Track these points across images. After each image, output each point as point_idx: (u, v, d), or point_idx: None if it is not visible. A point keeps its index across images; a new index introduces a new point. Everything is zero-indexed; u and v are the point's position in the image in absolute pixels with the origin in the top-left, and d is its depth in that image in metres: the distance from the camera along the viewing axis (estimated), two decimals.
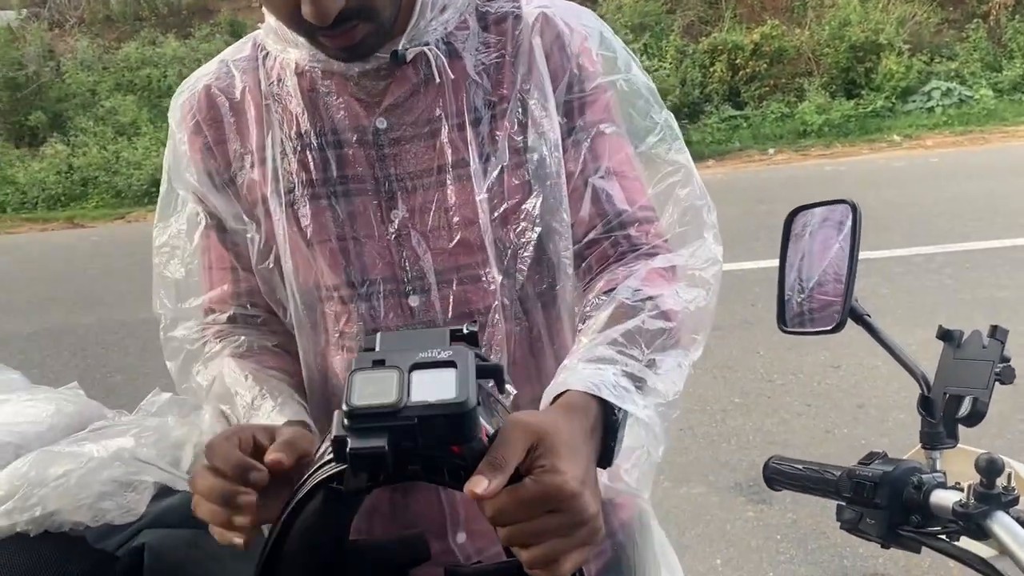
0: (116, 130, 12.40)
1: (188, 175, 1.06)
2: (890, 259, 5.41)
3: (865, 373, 3.90)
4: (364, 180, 1.00)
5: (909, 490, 0.93)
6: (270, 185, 1.02)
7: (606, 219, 1.02)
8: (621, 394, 0.81)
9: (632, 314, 0.91)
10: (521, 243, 1.01)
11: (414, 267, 1.01)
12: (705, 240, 1.03)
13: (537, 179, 1.01)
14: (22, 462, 0.94)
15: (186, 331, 1.12)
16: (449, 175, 0.99)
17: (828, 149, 10.22)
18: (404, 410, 0.58)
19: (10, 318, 6.42)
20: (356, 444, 0.57)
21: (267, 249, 1.06)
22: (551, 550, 0.66)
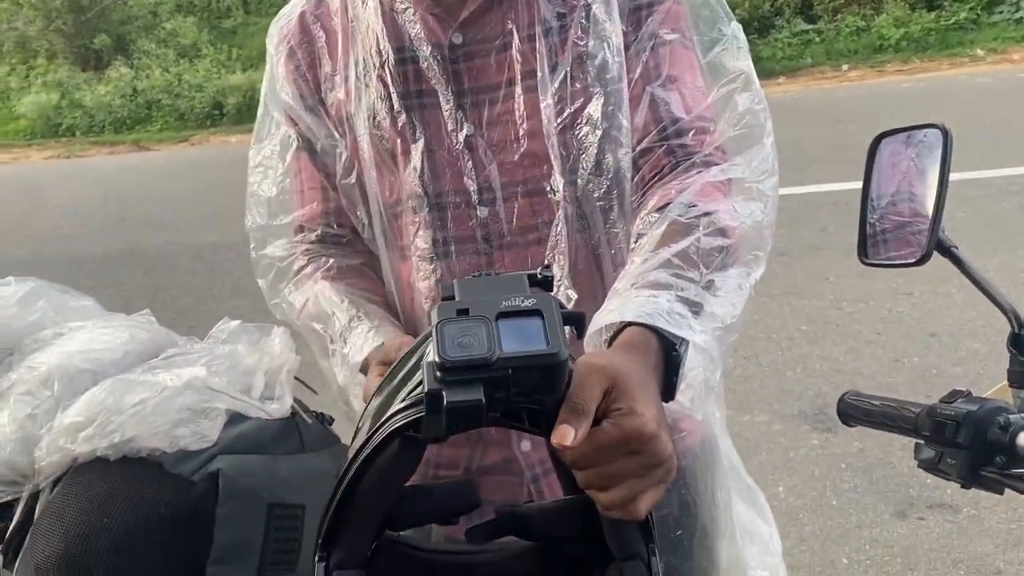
0: (178, 52, 12.49)
1: (284, 96, 1.11)
2: (968, 181, 5.18)
3: (939, 301, 3.78)
4: (438, 94, 1.03)
5: (994, 430, 0.89)
6: (353, 102, 1.06)
7: (661, 127, 1.00)
8: (676, 321, 0.79)
9: (686, 232, 0.89)
10: (583, 147, 1.01)
11: (482, 179, 1.03)
12: (763, 146, 0.99)
13: (599, 83, 1.00)
14: (99, 389, 0.97)
15: (276, 249, 1.17)
16: (519, 87, 1.02)
17: (906, 65, 9.76)
18: (498, 362, 0.57)
19: (83, 240, 6.61)
20: (453, 397, 0.57)
21: (350, 165, 1.10)
22: (630, 491, 0.65)
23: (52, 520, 0.94)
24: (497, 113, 1.02)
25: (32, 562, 0.94)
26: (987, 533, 2.51)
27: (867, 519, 2.63)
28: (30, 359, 1.05)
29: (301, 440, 1.07)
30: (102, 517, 0.92)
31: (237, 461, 0.98)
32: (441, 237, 1.06)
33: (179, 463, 0.95)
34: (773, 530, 1.22)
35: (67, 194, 8.48)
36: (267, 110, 1.15)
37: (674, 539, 1.09)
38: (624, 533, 0.72)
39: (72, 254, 6.18)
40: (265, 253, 1.18)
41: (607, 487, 0.66)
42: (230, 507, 0.95)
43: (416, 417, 0.63)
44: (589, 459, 0.64)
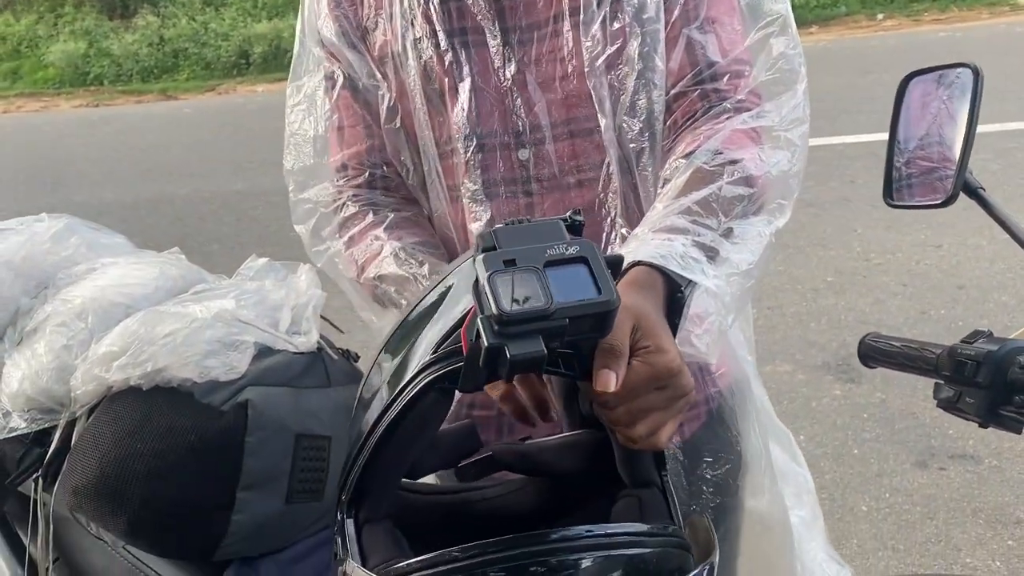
0: (204, 1, 12.42)
1: (326, 31, 1.07)
2: (1004, 133, 5.08)
3: (968, 253, 3.74)
4: (483, 31, 1.01)
5: (1015, 370, 0.89)
6: (399, 41, 1.04)
7: (696, 70, 0.99)
8: (689, 264, 0.80)
9: (710, 180, 0.89)
10: (622, 88, 1.00)
11: (530, 118, 1.01)
12: (795, 93, 0.97)
13: (637, 23, 0.98)
14: (132, 320, 0.99)
15: (319, 192, 1.12)
16: (566, 23, 0.99)
17: (943, 14, 9.50)
18: (556, 312, 0.57)
19: (112, 188, 6.67)
20: (516, 351, 0.56)
21: (395, 108, 1.08)
22: (655, 424, 0.67)
23: (88, 446, 0.97)
24: (544, 51, 1.00)
25: (70, 486, 0.98)
26: (1008, 483, 2.51)
27: (888, 468, 2.64)
28: (64, 292, 1.08)
29: (327, 375, 1.10)
30: (136, 443, 0.95)
31: (266, 392, 1.00)
32: (488, 178, 1.04)
33: (209, 393, 0.97)
34: (806, 472, 1.24)
35: (95, 143, 8.53)
36: (305, 47, 1.12)
37: (720, 477, 1.10)
38: (639, 463, 0.74)
39: (101, 202, 6.24)
40: (306, 196, 1.12)
41: (635, 422, 0.67)
42: (259, 436, 0.98)
43: (452, 368, 0.64)
44: (621, 397, 0.65)
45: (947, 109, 1.07)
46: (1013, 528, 2.35)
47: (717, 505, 1.09)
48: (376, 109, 1.09)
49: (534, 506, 0.81)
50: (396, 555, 0.68)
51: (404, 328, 0.76)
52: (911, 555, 2.32)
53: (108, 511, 0.96)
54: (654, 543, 0.64)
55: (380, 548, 0.69)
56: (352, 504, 0.71)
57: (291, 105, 1.13)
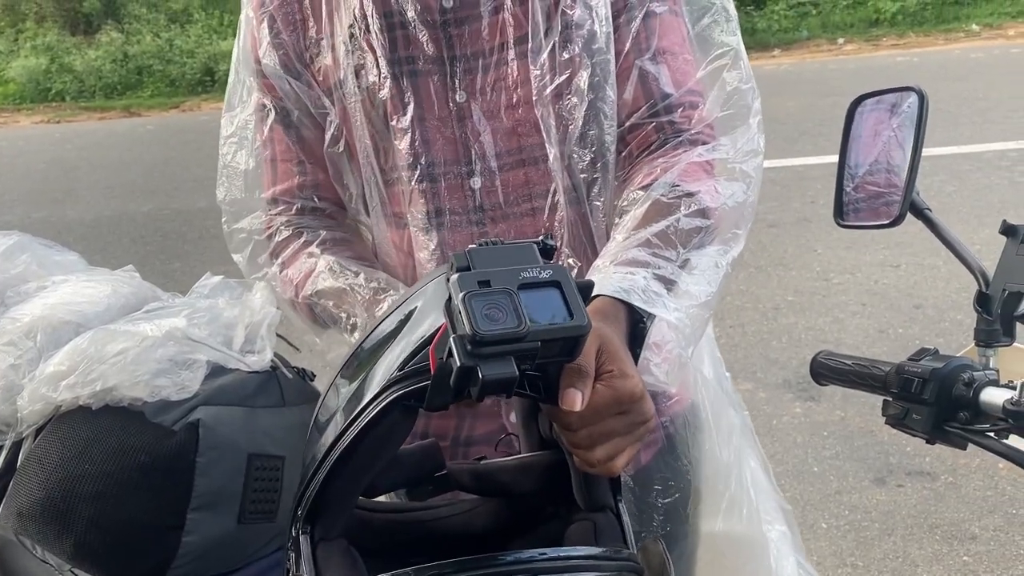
0: (169, 17, 12.37)
1: (267, 61, 1.06)
2: (959, 155, 5.21)
3: (925, 273, 3.82)
4: (430, 59, 1.00)
5: (959, 387, 0.91)
6: (343, 68, 1.02)
7: (651, 102, 1.00)
8: (651, 298, 0.82)
9: (668, 212, 0.91)
10: (571, 118, 1.00)
11: (477, 148, 1.01)
12: (749, 127, 1.00)
13: (586, 53, 0.99)
14: (82, 339, 0.98)
15: (252, 222, 1.12)
16: (511, 52, 0.99)
17: (901, 39, 9.73)
18: (529, 335, 0.57)
19: (72, 205, 6.58)
20: (489, 372, 0.57)
21: (339, 132, 1.06)
22: (614, 449, 0.68)
23: (34, 467, 0.95)
24: (490, 79, 1.00)
25: (15, 508, 0.96)
26: (964, 500, 2.55)
27: (847, 485, 2.67)
28: (13, 311, 1.06)
29: (282, 394, 1.08)
30: (83, 464, 0.93)
31: (218, 412, 0.99)
32: (436, 207, 1.03)
33: (160, 412, 0.96)
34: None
35: (56, 160, 8.42)
36: (239, 76, 1.11)
37: (670, 504, 1.10)
38: (595, 487, 0.74)
39: (61, 219, 6.16)
40: (240, 226, 1.13)
41: (595, 445, 0.68)
42: (210, 456, 0.96)
43: (419, 387, 0.64)
44: (584, 419, 0.66)
45: (894, 131, 1.09)
46: (969, 544, 2.39)
47: (667, 532, 1.08)
48: (311, 142, 1.08)
49: (488, 527, 0.81)
50: (351, 574, 0.68)
51: (362, 352, 0.75)
52: (870, 571, 2.34)
53: (53, 534, 0.94)
54: (608, 567, 0.65)
55: (335, 566, 0.69)
56: (308, 520, 0.70)
57: (224, 136, 1.12)
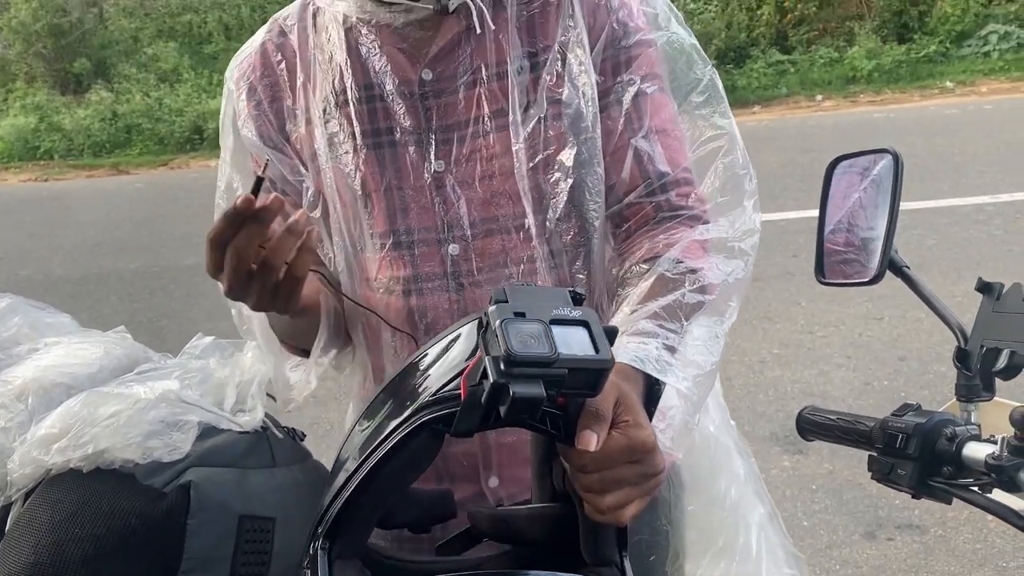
0: (158, 77, 12.49)
1: (245, 131, 1.09)
2: (937, 209, 5.30)
3: (908, 325, 3.85)
4: (407, 131, 1.03)
5: (942, 442, 0.93)
6: (319, 138, 1.05)
7: (648, 181, 1.04)
8: (664, 368, 0.87)
9: (673, 287, 0.95)
10: (554, 193, 1.02)
11: (452, 216, 1.03)
12: (745, 209, 1.04)
13: (572, 131, 1.02)
14: (74, 401, 0.98)
15: None
16: (488, 125, 1.01)
17: (878, 96, 9.95)
18: (558, 362, 0.62)
19: (59, 263, 6.57)
20: (519, 390, 0.61)
21: (315, 199, 1.09)
22: (624, 497, 0.70)
23: (23, 531, 0.95)
24: (467, 150, 1.02)
25: (4, 573, 0.95)
26: (954, 553, 2.55)
27: (837, 539, 2.66)
28: (5, 373, 1.07)
29: (272, 454, 1.09)
30: (73, 528, 0.93)
31: (208, 473, 0.99)
32: (410, 274, 1.06)
33: (151, 475, 0.96)
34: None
35: (43, 218, 8.42)
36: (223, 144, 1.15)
37: (648, 564, 1.11)
38: (601, 540, 0.76)
39: (48, 277, 6.14)
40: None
41: (605, 491, 0.70)
42: (201, 518, 0.96)
43: (448, 412, 0.68)
44: (598, 463, 0.69)
45: (871, 191, 1.12)
46: None
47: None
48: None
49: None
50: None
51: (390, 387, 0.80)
52: None
53: None
54: None
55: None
56: (328, 537, 0.73)
57: (216, 202, 1.16)
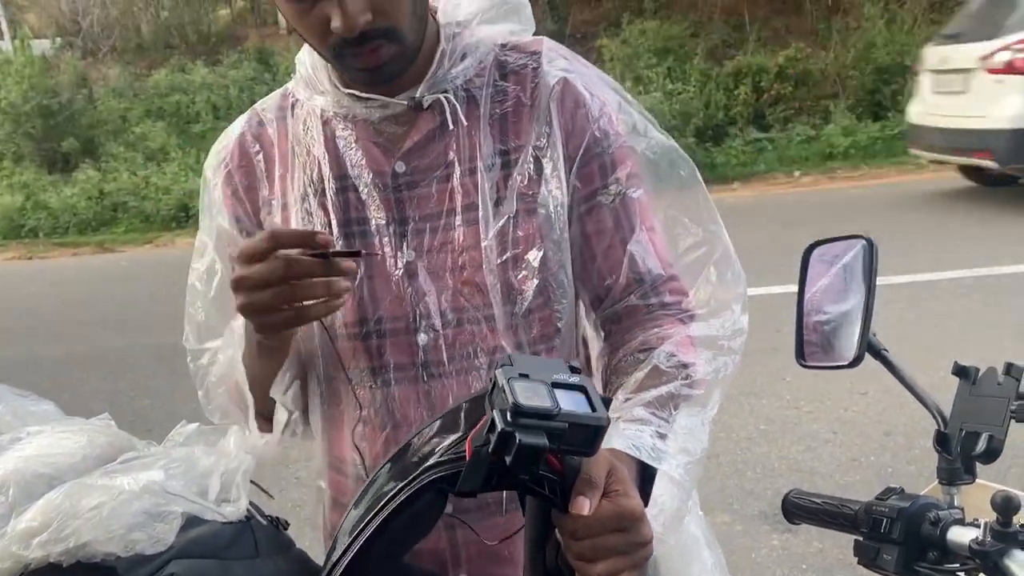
0: (146, 155, 12.62)
1: (220, 220, 1.12)
2: (917, 284, 5.36)
3: (892, 400, 3.86)
4: (380, 221, 1.05)
5: (926, 526, 0.94)
6: (295, 228, 1.06)
7: (642, 283, 1.07)
8: (658, 455, 0.91)
9: (667, 380, 0.99)
10: (522, 289, 1.04)
11: (422, 306, 1.04)
12: (734, 311, 1.09)
13: (541, 233, 1.04)
14: (56, 493, 0.97)
15: (210, 358, 1.18)
16: (458, 218, 1.04)
17: (855, 171, 10.16)
18: (560, 415, 0.68)
19: (41, 342, 6.52)
20: (524, 438, 0.66)
21: None
22: (614, 567, 0.73)
23: None
24: (438, 242, 1.04)
25: None
26: None
27: None
28: None
29: (255, 544, 1.07)
30: None
31: (191, 565, 0.98)
32: (380, 364, 1.06)
33: (133, 568, 0.95)
34: None
35: (27, 296, 8.39)
36: (201, 231, 1.17)
37: None
38: None
39: (31, 356, 6.08)
40: (201, 363, 1.19)
41: (596, 559, 0.73)
42: None
43: (453, 472, 0.73)
44: (589, 529, 0.72)
45: (848, 276, 1.15)
46: None
47: None
48: None
49: None
50: None
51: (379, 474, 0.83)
52: None
53: None
54: None
55: None
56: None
57: (189, 285, 1.18)
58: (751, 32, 12.98)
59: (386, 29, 0.94)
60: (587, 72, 1.11)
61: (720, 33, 13.26)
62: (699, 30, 13.28)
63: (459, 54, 1.04)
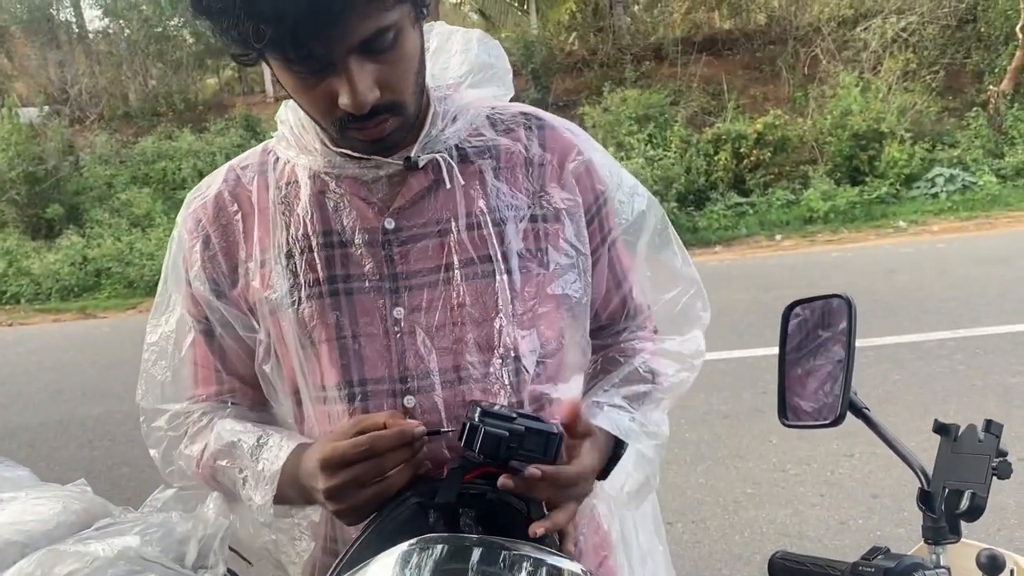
0: (131, 222, 12.65)
1: (197, 283, 1.09)
2: (900, 345, 5.40)
3: (879, 462, 3.85)
4: (370, 278, 1.03)
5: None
6: (276, 286, 1.04)
7: (627, 314, 1.22)
8: (635, 435, 1.09)
9: (641, 381, 1.16)
10: (529, 348, 1.05)
11: (417, 365, 1.02)
12: (697, 337, 1.24)
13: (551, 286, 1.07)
14: (27, 562, 0.95)
15: (169, 420, 1.16)
16: (457, 273, 1.02)
17: (835, 235, 10.31)
18: (518, 420, 0.89)
19: (19, 409, 6.42)
20: (489, 429, 0.87)
21: (270, 350, 1.09)
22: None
23: None
24: (433, 298, 1.02)
25: None
26: None
27: None
28: None
29: None
30: None
31: None
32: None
33: None
34: None
35: (6, 363, 8.30)
36: (166, 288, 1.15)
37: None
38: None
39: (7, 424, 5.99)
40: (158, 425, 1.16)
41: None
42: None
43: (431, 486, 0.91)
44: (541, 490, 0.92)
45: (828, 335, 1.16)
46: None
47: None
48: (232, 358, 1.13)
49: None
50: None
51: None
52: None
53: None
54: None
55: None
56: None
57: (148, 343, 1.17)
58: (729, 100, 13.28)
59: (392, 104, 0.93)
60: (568, 124, 1.15)
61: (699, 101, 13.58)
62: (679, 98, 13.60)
63: (451, 116, 1.05)
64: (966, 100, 12.91)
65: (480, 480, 0.92)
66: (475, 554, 0.72)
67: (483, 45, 1.15)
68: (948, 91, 12.99)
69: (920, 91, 12.47)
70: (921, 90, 12.49)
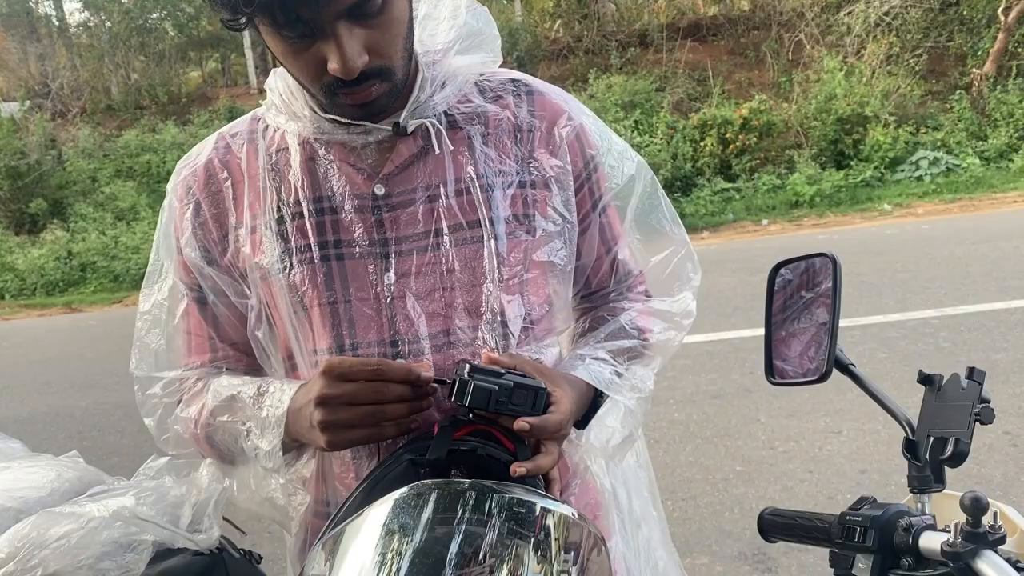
0: (115, 215, 12.57)
1: (188, 251, 1.09)
2: (886, 324, 5.44)
3: (866, 438, 3.89)
4: (360, 244, 1.03)
5: (899, 533, 0.94)
6: (267, 252, 1.05)
7: (619, 280, 1.23)
8: (617, 387, 1.11)
9: (627, 337, 1.17)
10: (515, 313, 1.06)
11: (407, 329, 1.03)
12: (686, 297, 1.24)
13: (537, 252, 1.08)
14: (24, 524, 0.95)
15: (164, 387, 1.15)
16: (446, 238, 1.03)
17: (820, 219, 10.36)
18: (506, 376, 0.92)
19: (6, 402, 6.39)
20: (478, 383, 0.90)
21: (262, 316, 1.09)
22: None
23: None
24: (423, 263, 1.03)
25: None
26: None
27: None
28: None
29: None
30: None
31: None
32: None
33: None
34: None
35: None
36: (158, 256, 1.14)
37: None
38: None
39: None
40: (153, 392, 1.15)
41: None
42: None
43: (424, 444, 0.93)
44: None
45: (813, 293, 1.17)
46: None
47: None
48: (225, 324, 1.13)
49: None
50: None
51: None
52: None
53: None
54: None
55: None
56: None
57: (141, 312, 1.16)
58: (715, 85, 13.30)
59: (380, 69, 0.94)
60: (560, 92, 1.16)
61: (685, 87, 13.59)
62: (664, 84, 13.60)
63: (439, 82, 1.05)
64: (949, 83, 12.97)
65: (470, 437, 0.93)
66: (469, 497, 0.73)
67: (472, 12, 1.15)
68: (931, 74, 13.06)
69: (903, 75, 12.53)
70: (904, 74, 12.55)
